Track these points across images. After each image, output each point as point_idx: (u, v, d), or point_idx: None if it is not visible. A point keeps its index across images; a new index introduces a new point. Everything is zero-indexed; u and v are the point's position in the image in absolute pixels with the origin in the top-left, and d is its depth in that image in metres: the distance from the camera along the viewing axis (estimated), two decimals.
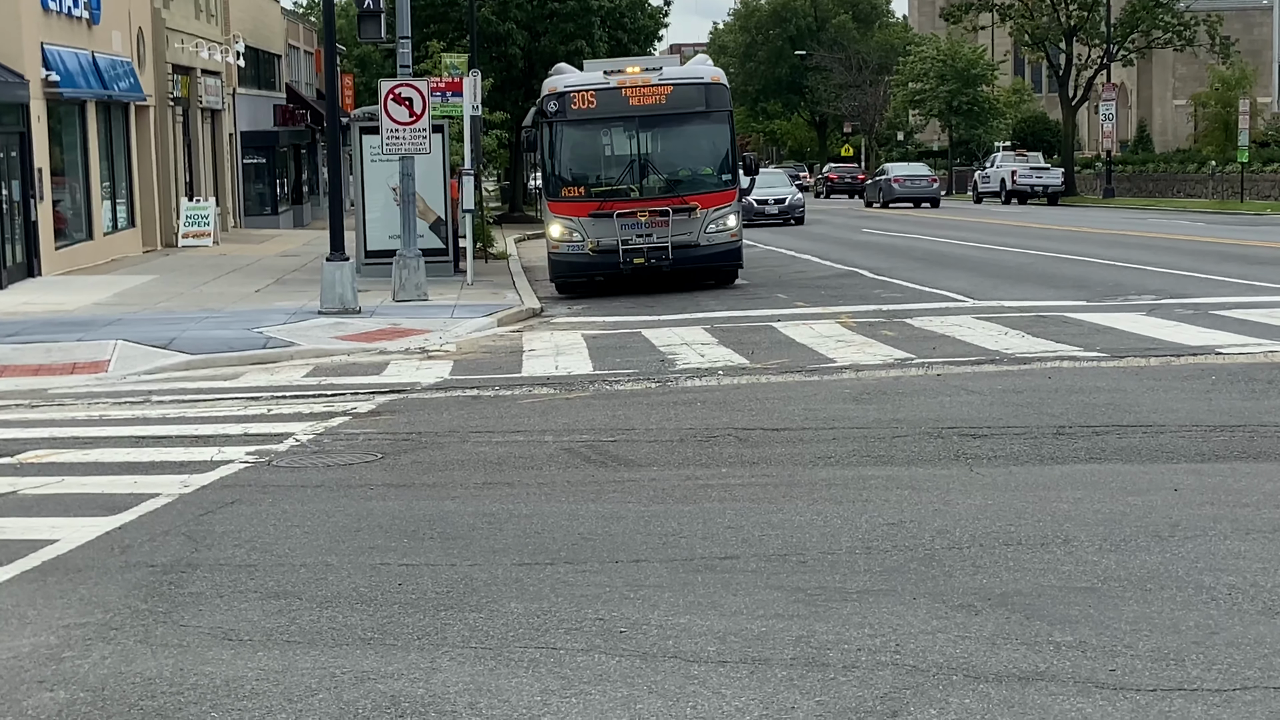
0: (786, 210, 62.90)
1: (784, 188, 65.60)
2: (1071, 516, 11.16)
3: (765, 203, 61.66)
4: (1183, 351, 19.79)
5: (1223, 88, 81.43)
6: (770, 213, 62.02)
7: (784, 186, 65.91)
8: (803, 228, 60.17)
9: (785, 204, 63.06)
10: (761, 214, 60.80)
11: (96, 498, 13.25)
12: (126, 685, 8.26)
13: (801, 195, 67.06)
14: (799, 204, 64.13)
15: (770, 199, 62.25)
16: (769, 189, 62.69)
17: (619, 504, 12.33)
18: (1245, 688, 7.61)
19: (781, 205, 62.82)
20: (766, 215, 61.67)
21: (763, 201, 61.15)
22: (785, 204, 63.06)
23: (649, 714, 7.55)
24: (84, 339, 24.71)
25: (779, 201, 62.82)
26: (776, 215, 62.29)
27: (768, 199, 61.94)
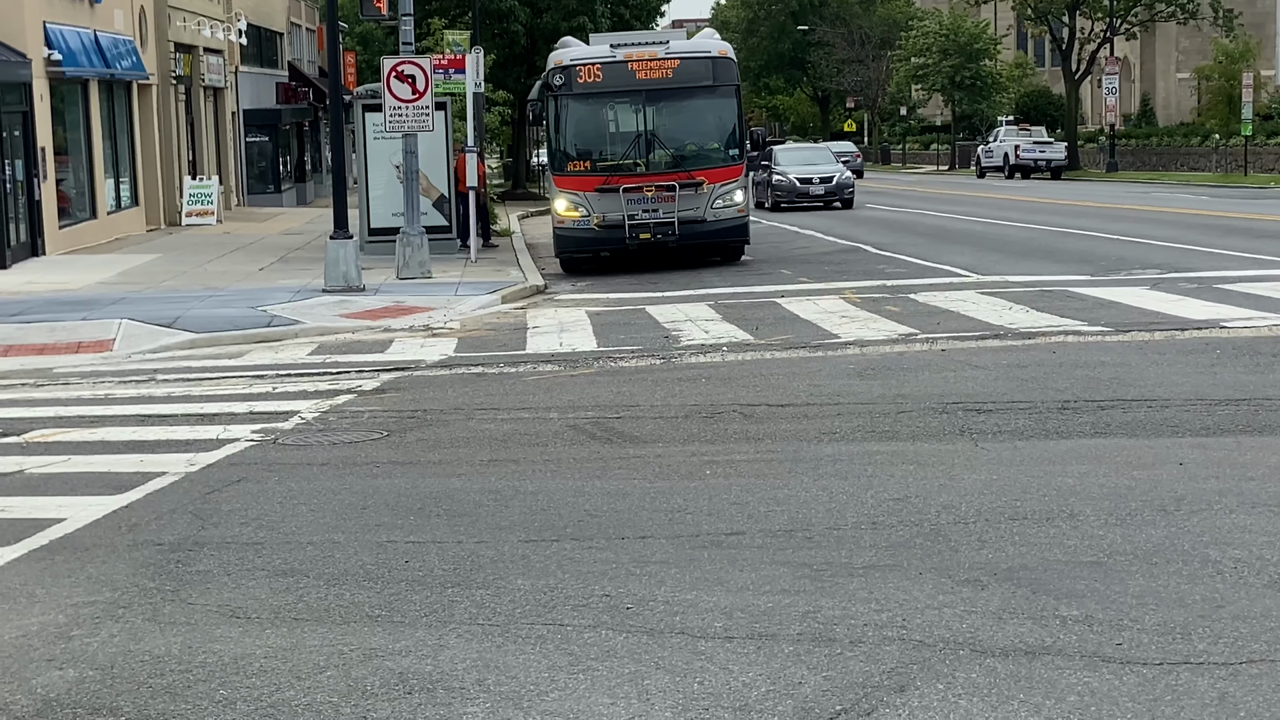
0: (833, 191, 54.78)
1: (829, 165, 56.93)
2: (1077, 491, 11.17)
3: (809, 182, 54.35)
4: (1187, 325, 19.79)
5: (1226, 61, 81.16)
6: (815, 193, 54.52)
7: (829, 163, 57.14)
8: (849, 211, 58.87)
9: (832, 183, 54.78)
10: (805, 195, 54.32)
11: (103, 476, 13.28)
12: (135, 663, 8.28)
13: (851, 174, 58.20)
14: (848, 184, 55.46)
15: (815, 177, 54.69)
16: (811, 166, 55.90)
17: (625, 480, 12.34)
18: (1251, 660, 7.63)
19: (828, 185, 54.61)
20: (810, 197, 54.54)
21: (805, 180, 54.28)
22: (832, 183, 54.78)
23: (656, 689, 7.57)
24: (88, 318, 24.72)
25: (825, 180, 54.73)
26: (821, 196, 54.61)
27: (812, 177, 54.63)
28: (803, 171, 54.13)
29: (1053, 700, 7.20)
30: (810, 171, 54.74)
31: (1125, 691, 7.29)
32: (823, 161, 57.23)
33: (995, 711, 7.10)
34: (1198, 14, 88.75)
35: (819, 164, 56.24)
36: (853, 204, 54.71)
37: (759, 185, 54.64)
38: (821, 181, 54.40)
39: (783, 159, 56.94)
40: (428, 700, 7.55)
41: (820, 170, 55.21)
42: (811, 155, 58.23)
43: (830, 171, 55.30)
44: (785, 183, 54.10)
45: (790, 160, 56.66)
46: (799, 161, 55.27)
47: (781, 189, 54.51)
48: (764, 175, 55.53)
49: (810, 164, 55.42)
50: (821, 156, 58.96)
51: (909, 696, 7.33)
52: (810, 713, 7.19)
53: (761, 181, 55.22)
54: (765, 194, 54.96)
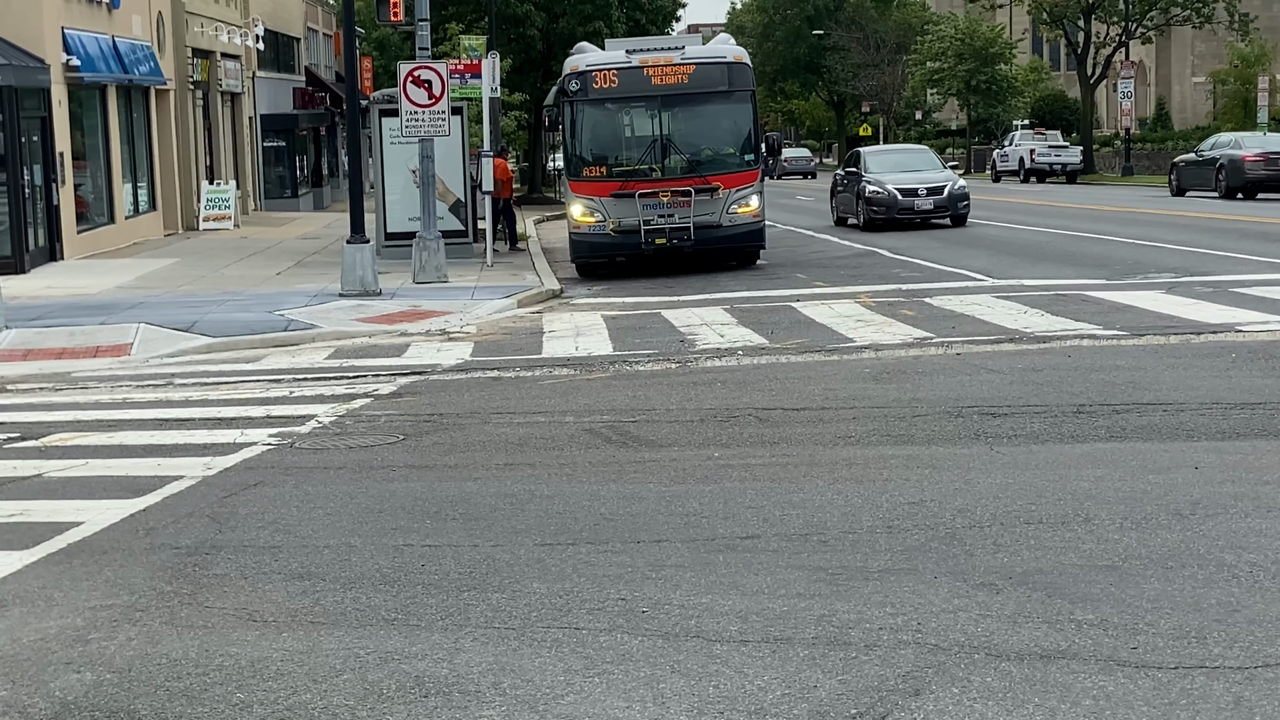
0: (944, 204, 43.41)
1: (934, 170, 46.22)
2: (1092, 495, 11.17)
3: (914, 193, 43.22)
4: (1203, 329, 19.77)
5: (1242, 65, 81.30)
6: (921, 207, 43.22)
7: (935, 169, 46.48)
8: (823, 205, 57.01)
9: (943, 194, 43.48)
10: (909, 209, 43.06)
11: (121, 480, 13.32)
12: (152, 666, 8.31)
13: (963, 182, 46.44)
14: (962, 194, 43.97)
15: (921, 187, 43.53)
16: (913, 173, 44.78)
17: (640, 484, 12.36)
18: (1267, 665, 7.62)
19: (938, 197, 43.39)
20: (916, 212, 43.25)
21: (909, 192, 43.20)
22: (943, 194, 43.48)
23: (671, 693, 7.58)
24: (107, 322, 24.80)
25: (933, 191, 43.55)
26: (929, 212, 43.39)
27: (916, 187, 43.45)
28: (903, 180, 43.93)
29: (1068, 704, 7.20)
30: (913, 180, 44.12)
31: (1140, 695, 7.28)
32: (925, 166, 46.52)
33: (1010, 715, 7.10)
34: (1213, 18, 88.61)
35: (921, 169, 45.81)
36: (966, 220, 43.86)
37: (843, 198, 46.85)
38: (930, 192, 43.53)
39: (874, 164, 46.02)
40: (444, 703, 7.56)
41: (926, 178, 44.55)
42: (910, 158, 47.95)
43: (938, 179, 44.76)
44: (883, 195, 43.48)
45: (884, 165, 45.96)
46: (895, 167, 45.46)
47: (879, 203, 43.49)
48: (851, 186, 45.87)
49: (910, 169, 45.37)
50: (922, 160, 47.89)
51: (924, 700, 7.33)
52: (825, 716, 7.19)
53: (848, 194, 46.37)
54: (855, 209, 45.25)
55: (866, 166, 45.36)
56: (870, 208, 43.55)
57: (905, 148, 56.91)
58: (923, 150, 51.89)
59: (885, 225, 42.98)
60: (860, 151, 47.96)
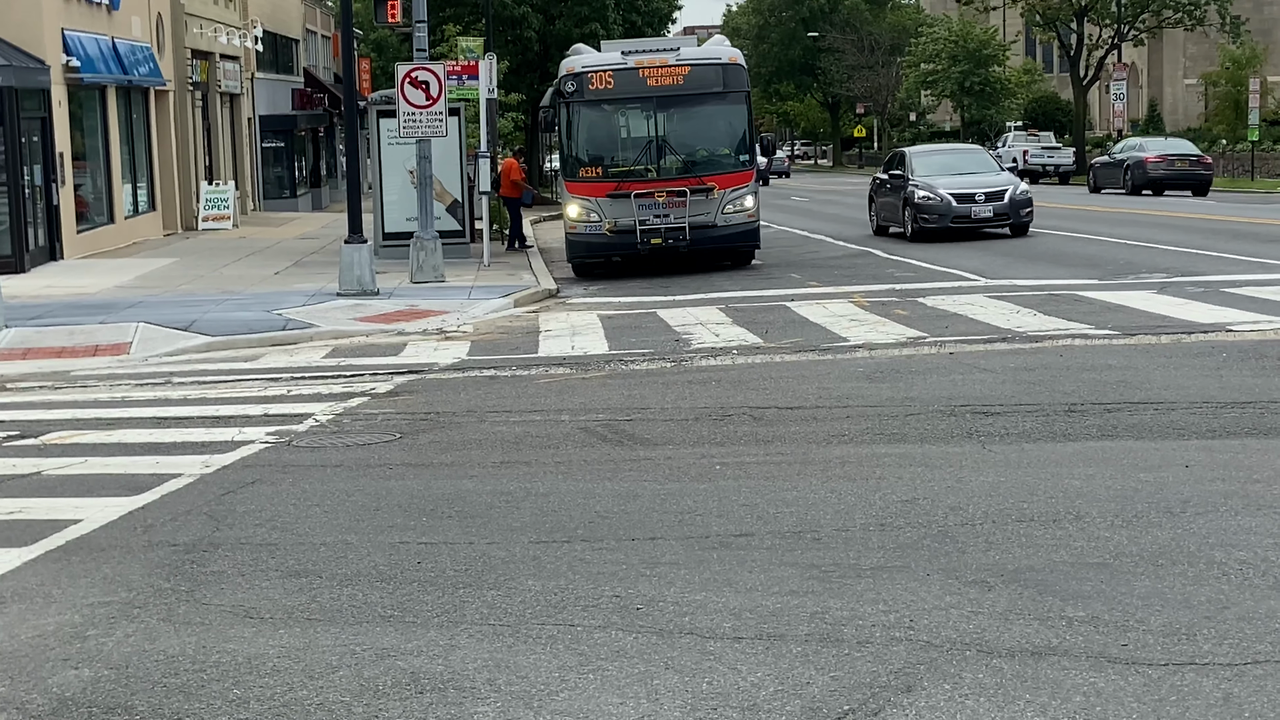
0: (1004, 211, 37.74)
1: (991, 172, 40.24)
2: (1083, 493, 11.22)
3: (970, 199, 37.47)
4: (1194, 329, 19.83)
5: (1233, 67, 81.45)
6: (980, 215, 37.55)
7: (990, 170, 40.50)
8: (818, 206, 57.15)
9: (1003, 200, 37.70)
10: (965, 218, 37.43)
11: (119, 478, 13.35)
12: (150, 663, 8.35)
13: (1026, 186, 40.73)
14: (1024, 199, 38.31)
15: (978, 192, 37.73)
16: (967, 176, 38.96)
17: (635, 482, 12.40)
18: (1256, 661, 7.67)
19: (998, 203, 37.57)
20: (975, 221, 37.61)
21: (966, 198, 37.46)
22: (1003, 200, 37.70)
23: (665, 689, 7.62)
24: (106, 321, 24.83)
25: (993, 197, 37.68)
26: (989, 220, 37.74)
27: (974, 193, 37.67)
28: (957, 185, 38.08)
29: (1059, 700, 7.24)
30: (968, 184, 38.24)
31: (1131, 692, 7.32)
32: (980, 168, 40.52)
33: (1001, 711, 7.14)
34: (1205, 20, 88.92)
35: (976, 171, 39.86)
36: (1028, 229, 38.59)
37: (885, 204, 41.21)
38: (988, 198, 37.59)
39: (921, 166, 39.98)
40: (439, 700, 7.61)
41: (982, 182, 38.61)
42: (961, 159, 41.66)
43: (997, 183, 38.79)
44: (935, 202, 37.64)
45: (933, 168, 39.89)
46: (945, 169, 39.58)
47: (930, 210, 37.76)
48: (895, 191, 40.15)
49: (962, 172, 39.43)
50: (976, 161, 41.90)
51: (916, 696, 7.38)
52: (818, 712, 7.24)
53: (891, 200, 40.52)
54: (899, 216, 39.47)
55: (913, 169, 39.64)
56: (921, 216, 37.89)
57: (956, 147, 50.78)
58: (975, 150, 46.32)
59: (938, 235, 37.54)
60: (905, 152, 42.63)
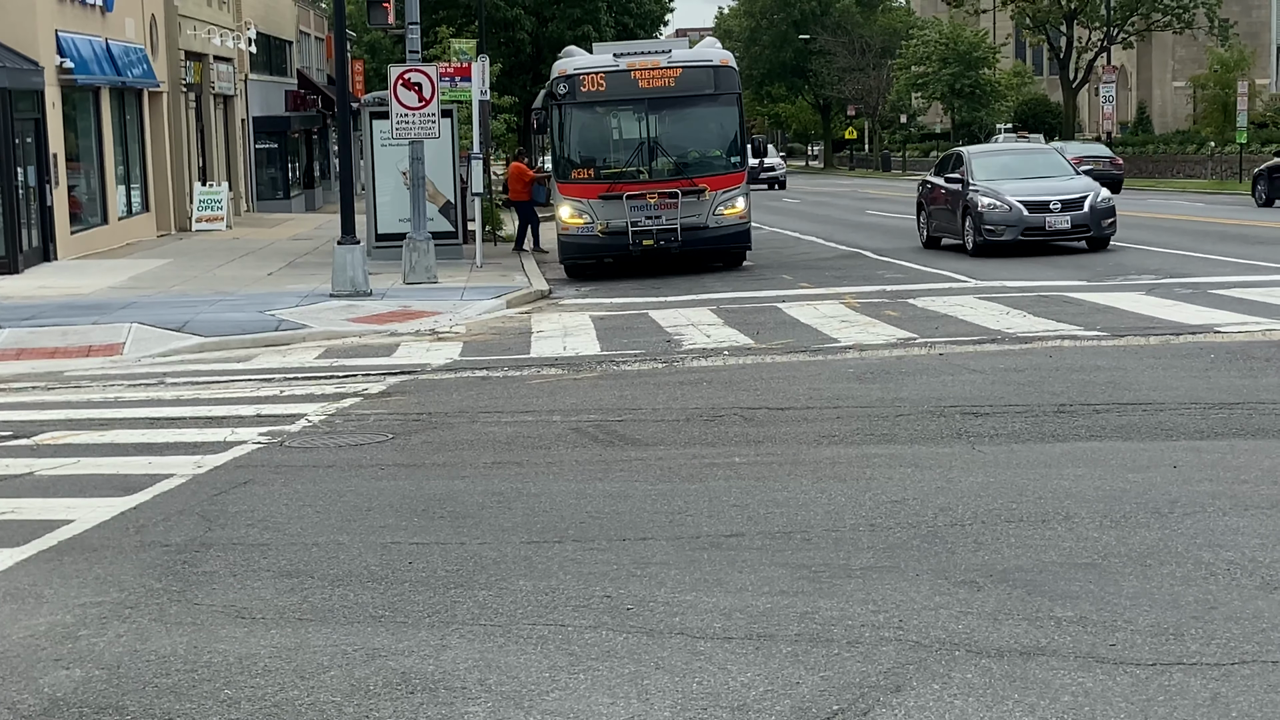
0: (1083, 221, 32.48)
1: (1067, 177, 34.23)
2: (1072, 493, 11.25)
3: (1043, 208, 32.13)
4: (1182, 330, 19.87)
5: (1221, 69, 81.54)
6: (1056, 226, 32.26)
7: (1064, 174, 34.41)
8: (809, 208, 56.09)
9: (1082, 209, 32.34)
10: (1039, 229, 32.15)
11: (112, 478, 13.37)
12: (141, 663, 8.37)
13: (1107, 193, 33.95)
14: (1105, 208, 32.82)
15: (1052, 199, 32.37)
16: (1037, 181, 33.49)
17: (626, 483, 12.43)
18: (1243, 662, 7.70)
19: (1076, 212, 32.31)
20: (1050, 233, 32.41)
21: (1038, 206, 32.13)
22: (1082, 209, 32.34)
23: (656, 689, 7.65)
24: (99, 322, 24.83)
25: (1070, 205, 32.37)
26: (1065, 232, 32.62)
27: (1048, 199, 32.36)
28: (1026, 191, 32.57)
29: (1047, 700, 7.27)
30: (1040, 191, 32.71)
31: (1119, 692, 7.35)
32: (1053, 171, 34.50)
33: (990, 711, 7.17)
34: (1194, 23, 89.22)
35: (1048, 175, 34.09)
36: (1109, 242, 33.40)
37: (939, 213, 35.66)
38: (1065, 207, 32.20)
39: (981, 168, 34.26)
40: (430, 700, 7.63)
41: (1057, 187, 33.01)
42: (1029, 161, 35.60)
43: (1074, 190, 32.95)
44: (1001, 211, 32.33)
45: (997, 171, 34.35)
46: (1011, 172, 34.06)
47: (996, 221, 32.37)
48: (953, 199, 34.40)
49: (1032, 176, 33.82)
50: (1047, 163, 35.51)
51: (905, 696, 7.40)
52: (807, 712, 7.26)
53: (946, 208, 35.07)
54: (956, 224, 34.11)
55: (972, 172, 34.07)
56: (984, 226, 32.62)
57: (1024, 147, 43.88)
58: (1045, 150, 39.68)
59: (1007, 249, 32.55)
60: (962, 153, 36.54)
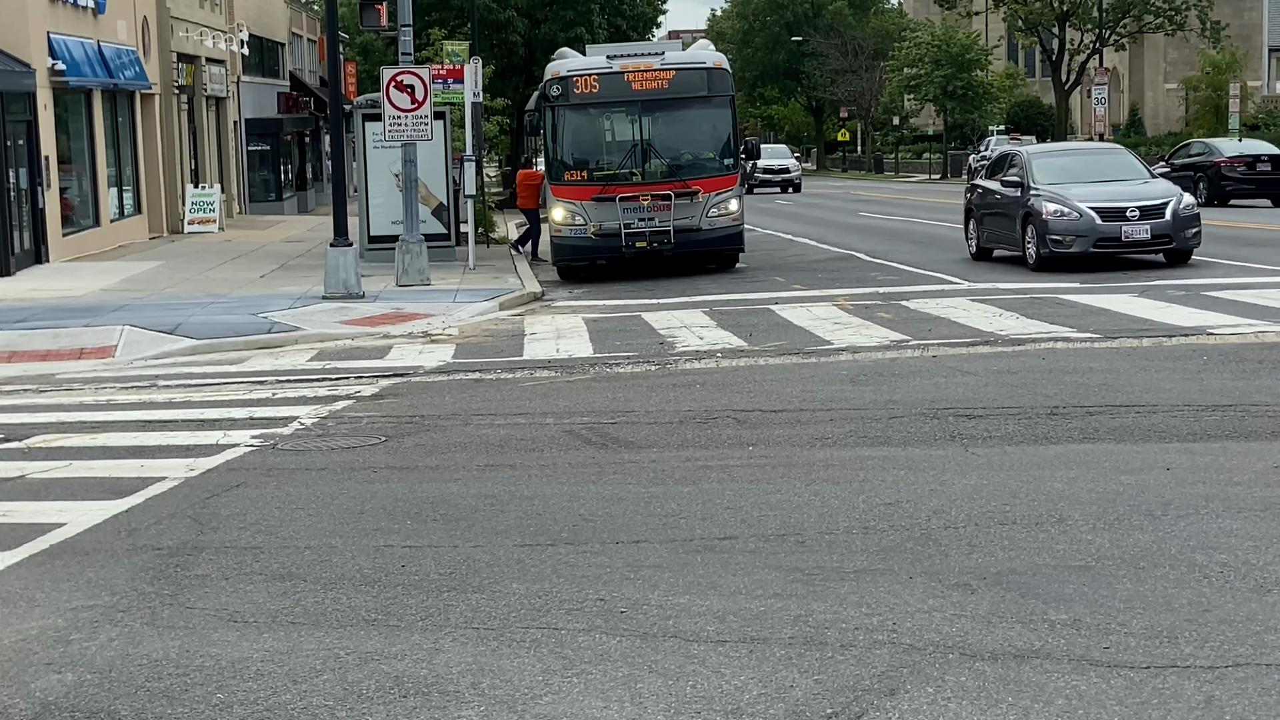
0: (1164, 232, 28.65)
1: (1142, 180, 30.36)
2: (1065, 496, 11.25)
3: (1119, 215, 28.32)
4: (1175, 332, 19.88)
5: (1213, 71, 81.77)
6: (1135, 237, 28.39)
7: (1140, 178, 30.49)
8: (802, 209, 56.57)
9: (1163, 217, 28.50)
10: (1114, 240, 28.45)
11: (103, 481, 13.36)
12: (133, 667, 8.35)
13: (1190, 199, 30.09)
14: (1189, 215, 29.00)
15: (1130, 206, 28.53)
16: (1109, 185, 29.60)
17: (619, 485, 12.42)
18: (1237, 664, 7.69)
19: (1157, 221, 28.43)
20: (1127, 243, 28.51)
21: (1113, 213, 28.40)
22: (1163, 217, 28.50)
23: (649, 693, 7.64)
24: (91, 324, 24.82)
25: (1149, 212, 28.55)
26: (1145, 243, 28.72)
27: (1124, 206, 28.51)
28: (1099, 196, 28.72)
29: (1041, 703, 7.26)
30: (1114, 197, 28.80)
31: (1113, 694, 7.35)
32: (1125, 174, 30.60)
33: (984, 714, 7.17)
34: (1186, 25, 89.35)
35: (1121, 178, 30.17)
36: (1191, 255, 29.74)
37: (995, 221, 31.72)
38: (1144, 214, 28.27)
39: (1042, 171, 30.37)
40: (423, 704, 7.62)
41: (1133, 193, 29.10)
42: (1097, 163, 31.48)
43: (1153, 195, 29.14)
44: (1069, 220, 28.55)
45: (1061, 173, 30.44)
46: (1075, 175, 30.26)
47: (1063, 231, 28.61)
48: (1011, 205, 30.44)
49: (1101, 179, 29.91)
50: (1118, 164, 31.39)
51: (899, 699, 7.39)
52: (801, 716, 7.25)
53: (1003, 216, 31.02)
54: (1014, 233, 30.39)
55: (1033, 175, 30.35)
56: (1050, 236, 28.87)
57: (1088, 146, 39.69)
58: (1114, 150, 34.74)
59: (1077, 263, 28.94)
60: (1020, 153, 32.55)
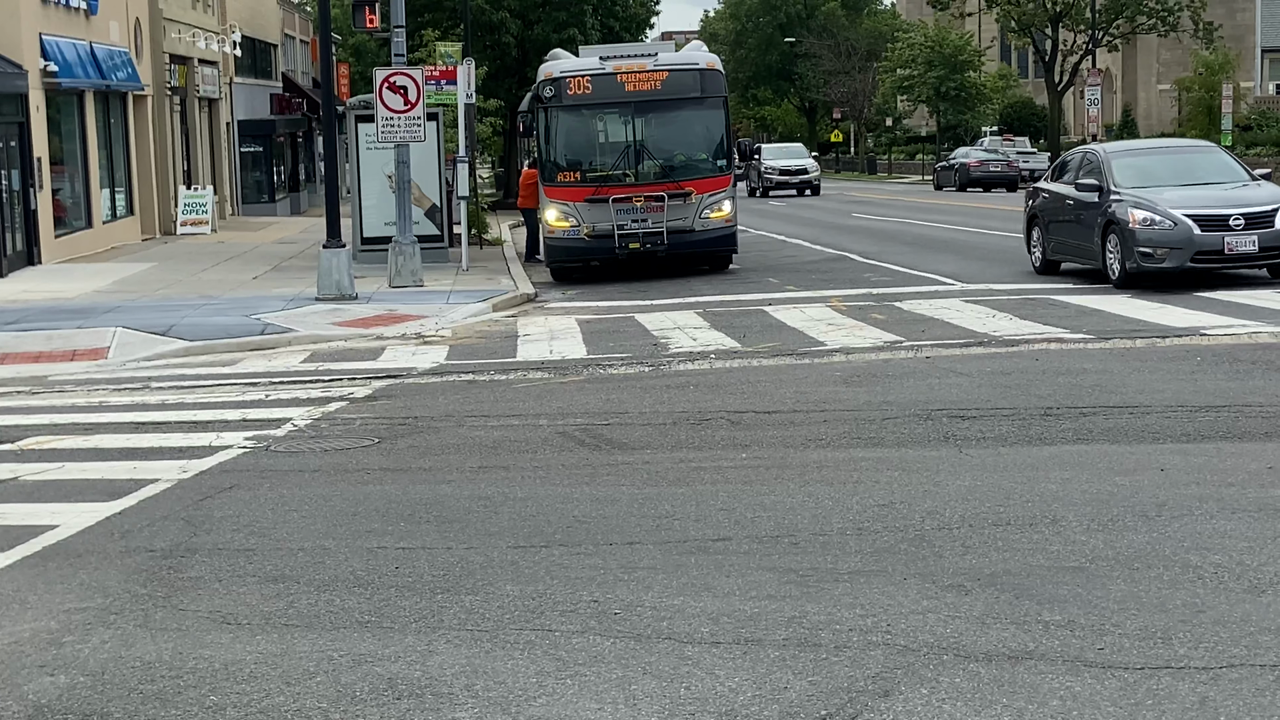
0: (1274, 243, 24.54)
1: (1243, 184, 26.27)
2: (1059, 497, 11.25)
3: (1224, 224, 24.40)
4: (1168, 333, 19.89)
5: (1206, 72, 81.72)
6: (1241, 249, 24.43)
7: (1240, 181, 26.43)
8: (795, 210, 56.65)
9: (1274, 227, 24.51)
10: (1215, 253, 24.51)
11: (96, 483, 13.34)
12: (126, 669, 8.34)
13: None
14: None
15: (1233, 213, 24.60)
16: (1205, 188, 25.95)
17: (613, 487, 12.42)
18: (1232, 665, 7.70)
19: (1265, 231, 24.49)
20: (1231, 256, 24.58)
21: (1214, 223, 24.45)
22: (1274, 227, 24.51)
23: (643, 695, 7.63)
24: (84, 326, 24.79)
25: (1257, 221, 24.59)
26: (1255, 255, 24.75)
27: (1226, 214, 24.58)
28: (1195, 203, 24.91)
29: (1035, 704, 7.26)
30: (1214, 202, 25.03)
31: (1107, 696, 7.35)
32: (1222, 176, 26.73)
33: (978, 716, 7.17)
34: (1178, 26, 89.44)
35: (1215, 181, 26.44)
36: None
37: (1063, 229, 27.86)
38: (1250, 223, 24.30)
39: (1125, 171, 26.52)
40: (416, 706, 7.61)
41: (1234, 198, 25.24)
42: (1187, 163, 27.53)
43: (1258, 200, 25.06)
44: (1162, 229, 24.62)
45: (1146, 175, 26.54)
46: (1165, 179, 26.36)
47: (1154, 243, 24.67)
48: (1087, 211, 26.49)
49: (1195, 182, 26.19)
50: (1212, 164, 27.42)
51: (893, 701, 7.39)
52: (795, 717, 7.25)
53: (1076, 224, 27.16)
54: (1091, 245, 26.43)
55: (1113, 177, 26.39)
56: (1137, 250, 24.83)
57: (1176, 144, 33.03)
58: (1206, 148, 30.17)
59: (1169, 280, 25.06)
60: (1097, 151, 28.41)
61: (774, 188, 77.72)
